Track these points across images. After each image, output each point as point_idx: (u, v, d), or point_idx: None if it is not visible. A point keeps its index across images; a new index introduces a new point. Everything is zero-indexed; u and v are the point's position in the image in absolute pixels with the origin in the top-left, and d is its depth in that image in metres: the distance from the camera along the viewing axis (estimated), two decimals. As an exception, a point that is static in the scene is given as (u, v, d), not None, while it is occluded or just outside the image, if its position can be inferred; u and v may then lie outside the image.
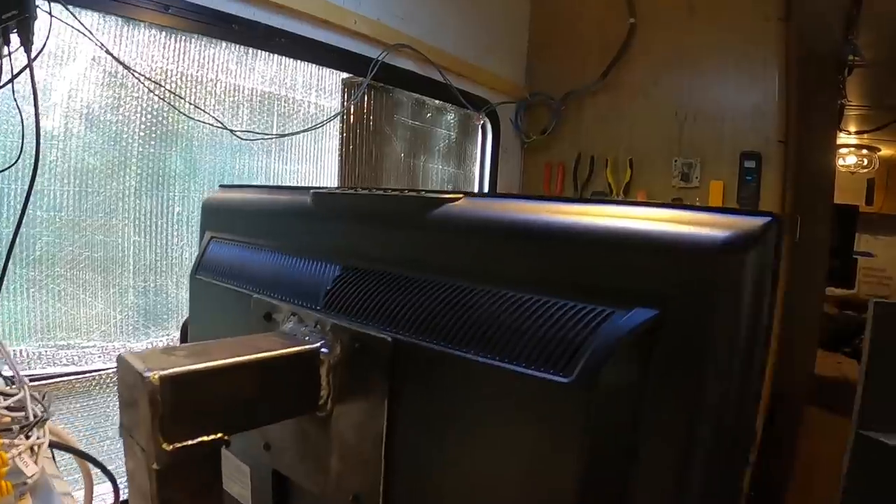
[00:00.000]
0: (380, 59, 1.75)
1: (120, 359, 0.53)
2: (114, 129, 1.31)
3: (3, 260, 1.05)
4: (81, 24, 1.15)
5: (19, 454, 0.59)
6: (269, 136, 1.59)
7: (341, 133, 1.79)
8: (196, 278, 0.90)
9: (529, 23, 2.45)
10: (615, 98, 2.20)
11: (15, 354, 1.19)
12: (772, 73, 1.93)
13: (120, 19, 1.27)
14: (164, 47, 1.37)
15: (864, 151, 4.73)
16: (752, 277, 0.42)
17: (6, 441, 0.61)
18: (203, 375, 0.54)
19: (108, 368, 1.32)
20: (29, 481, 0.62)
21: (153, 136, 1.38)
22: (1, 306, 1.17)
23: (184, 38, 1.41)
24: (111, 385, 1.33)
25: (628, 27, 2.12)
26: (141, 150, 1.36)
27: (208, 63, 1.46)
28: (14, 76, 0.99)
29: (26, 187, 0.99)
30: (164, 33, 1.36)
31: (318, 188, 0.77)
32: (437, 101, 2.06)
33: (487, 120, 2.26)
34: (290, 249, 0.78)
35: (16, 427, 0.65)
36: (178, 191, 1.44)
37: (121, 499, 0.88)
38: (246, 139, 1.52)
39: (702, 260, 0.43)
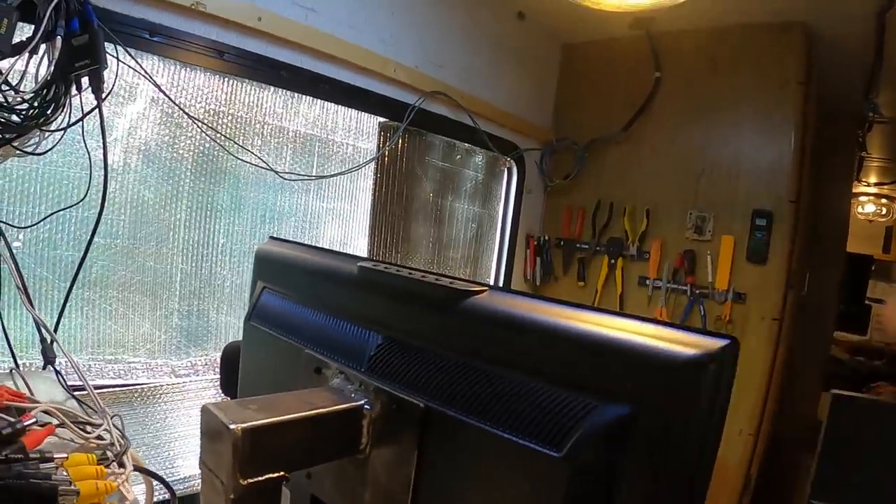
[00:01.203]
0: (417, 104, 1.93)
1: (204, 409, 0.71)
2: (168, 164, 1.51)
3: (70, 282, 1.23)
4: (142, 67, 1.34)
5: (122, 483, 0.76)
6: (310, 178, 1.78)
7: (375, 174, 1.98)
8: (250, 324, 1.07)
9: (559, 72, 2.62)
10: (636, 149, 2.36)
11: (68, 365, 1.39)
12: (787, 133, 2.07)
13: (178, 63, 1.46)
14: (217, 90, 1.56)
15: (884, 200, 4.86)
16: (708, 388, 0.57)
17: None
18: (272, 427, 0.72)
19: (150, 383, 1.51)
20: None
21: (203, 172, 1.57)
22: (63, 324, 1.36)
23: (235, 81, 1.59)
24: (152, 397, 1.52)
25: (654, 81, 2.28)
26: (192, 185, 1.55)
27: (257, 106, 1.65)
28: (84, 115, 1.18)
29: (91, 217, 1.18)
30: (217, 77, 1.55)
31: (364, 260, 0.95)
32: (466, 144, 2.24)
33: (514, 163, 2.44)
34: (337, 312, 0.95)
35: (110, 454, 0.81)
36: (223, 224, 1.64)
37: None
38: (289, 179, 1.71)
39: (669, 372, 0.58)
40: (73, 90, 1.19)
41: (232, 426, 0.68)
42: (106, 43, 1.20)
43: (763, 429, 2.07)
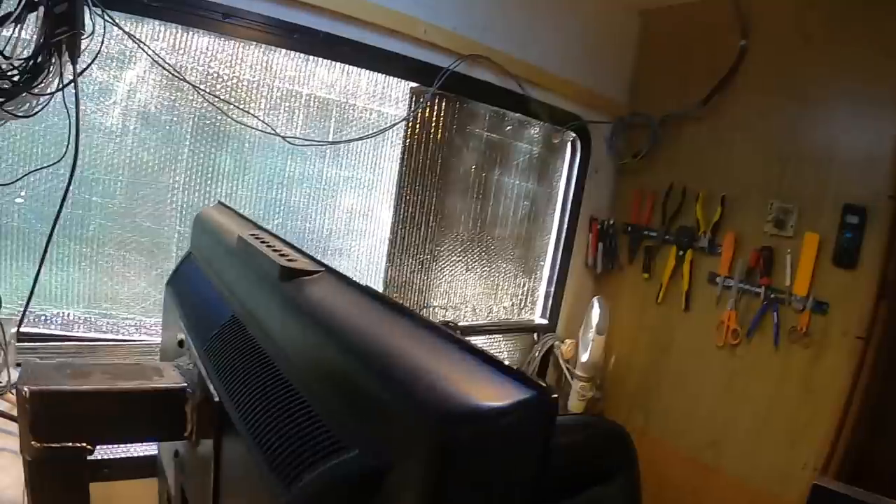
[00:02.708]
0: (450, 68, 1.89)
1: (24, 363, 0.77)
2: (168, 127, 1.62)
3: (48, 236, 1.37)
4: (120, 30, 1.42)
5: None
6: (321, 143, 1.82)
7: (405, 141, 1.97)
8: (168, 287, 1.13)
9: (637, 39, 2.44)
10: (715, 127, 2.14)
11: (64, 316, 1.56)
12: (890, 116, 1.78)
13: (179, 27, 1.55)
14: (220, 52, 1.64)
15: None
16: (491, 455, 0.45)
17: None
18: (71, 395, 0.75)
19: (142, 340, 1.65)
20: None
21: (204, 135, 1.67)
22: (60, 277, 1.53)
23: (241, 44, 1.66)
24: (144, 354, 1.65)
25: (738, 50, 2.03)
26: (192, 148, 1.66)
27: (265, 68, 1.71)
28: (61, 87, 1.29)
29: (88, 177, 1.30)
30: (221, 39, 1.63)
31: (254, 230, 0.95)
32: (518, 115, 2.17)
33: (577, 137, 2.31)
34: (217, 285, 0.97)
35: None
36: (225, 188, 1.73)
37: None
38: (296, 144, 1.76)
39: (439, 428, 0.45)
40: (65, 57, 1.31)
41: (24, 388, 0.72)
42: (96, 9, 1.31)
43: (834, 464, 1.82)
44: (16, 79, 1.26)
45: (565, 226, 2.41)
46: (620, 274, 2.44)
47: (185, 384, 0.82)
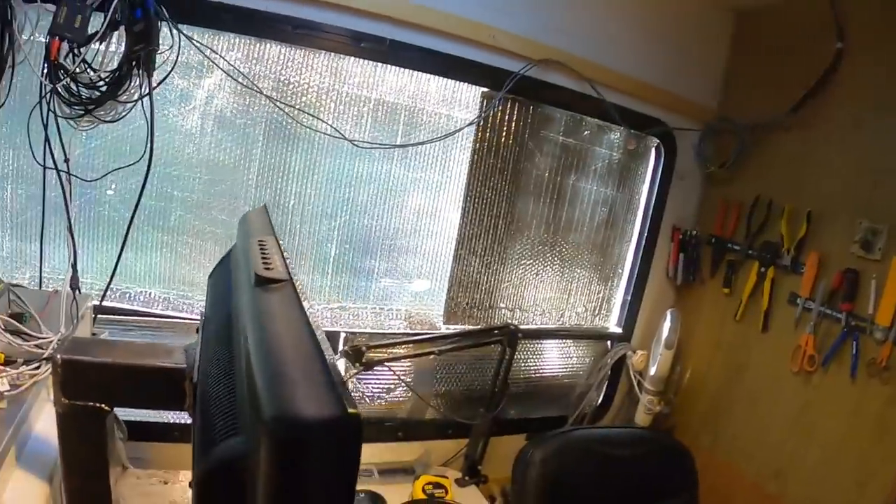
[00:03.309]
0: (520, 73, 1.96)
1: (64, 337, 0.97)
2: (242, 130, 1.83)
3: (127, 225, 1.62)
4: (202, 50, 1.64)
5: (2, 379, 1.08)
6: (388, 147, 1.96)
7: (474, 144, 2.07)
8: (209, 278, 1.32)
9: (730, 42, 2.36)
10: (805, 137, 2.02)
11: (147, 294, 1.83)
12: None
13: (252, 38, 1.75)
14: (290, 61, 1.82)
15: None
16: (291, 452, 0.53)
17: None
18: (92, 365, 0.94)
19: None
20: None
21: (276, 137, 1.87)
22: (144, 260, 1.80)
23: (311, 52, 1.84)
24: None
25: (834, 53, 1.92)
26: (264, 148, 1.87)
27: (334, 75, 1.88)
28: (140, 97, 1.52)
29: (172, 174, 1.61)
30: (291, 48, 1.81)
31: (261, 239, 1.11)
32: (596, 119, 2.20)
33: (660, 142, 2.31)
34: (233, 284, 1.14)
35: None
36: (295, 186, 1.93)
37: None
38: (363, 147, 1.92)
39: (260, 426, 0.54)
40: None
41: (58, 356, 0.92)
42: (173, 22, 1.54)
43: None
44: (103, 88, 1.52)
45: (645, 234, 2.40)
46: (701, 287, 2.39)
47: (185, 365, 0.99)
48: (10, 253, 1.72)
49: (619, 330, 2.50)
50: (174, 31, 1.58)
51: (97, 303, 1.62)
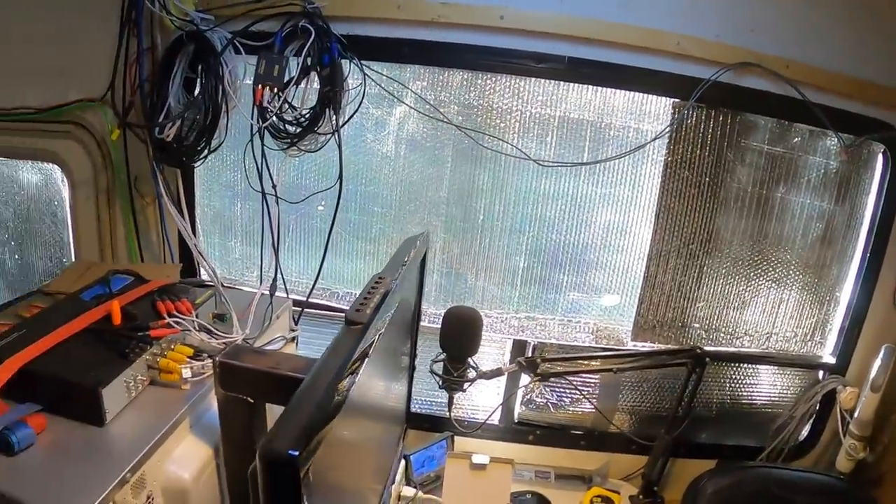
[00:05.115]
0: (710, 79, 1.91)
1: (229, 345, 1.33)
2: (431, 152, 2.07)
3: (326, 236, 1.96)
4: (395, 80, 1.95)
5: (186, 368, 1.47)
6: (572, 164, 2.05)
7: (666, 158, 2.06)
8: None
9: None
10: None
11: (351, 295, 2.21)
12: None
13: (435, 67, 1.99)
14: (472, 85, 2.01)
15: None
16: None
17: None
18: (236, 368, 1.27)
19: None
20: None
21: (463, 157, 2.07)
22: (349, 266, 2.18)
23: (490, 76, 2.01)
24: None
25: None
26: (453, 168, 2.08)
27: (515, 96, 2.02)
28: (333, 131, 1.85)
29: (373, 192, 2.03)
30: (471, 73, 2.00)
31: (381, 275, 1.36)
32: (807, 126, 2.03)
33: (887, 148, 2.03)
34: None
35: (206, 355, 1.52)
36: (482, 203, 2.12)
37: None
38: (548, 166, 2.04)
39: None
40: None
41: (217, 358, 1.28)
42: (358, 61, 1.86)
43: None
44: (305, 124, 1.88)
45: (869, 253, 2.14)
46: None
47: (302, 376, 1.26)
48: (240, 256, 2.22)
49: (832, 360, 2.27)
50: (360, 69, 1.90)
51: (296, 299, 1.95)
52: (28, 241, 2.32)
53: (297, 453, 0.78)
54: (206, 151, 1.95)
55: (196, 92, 1.92)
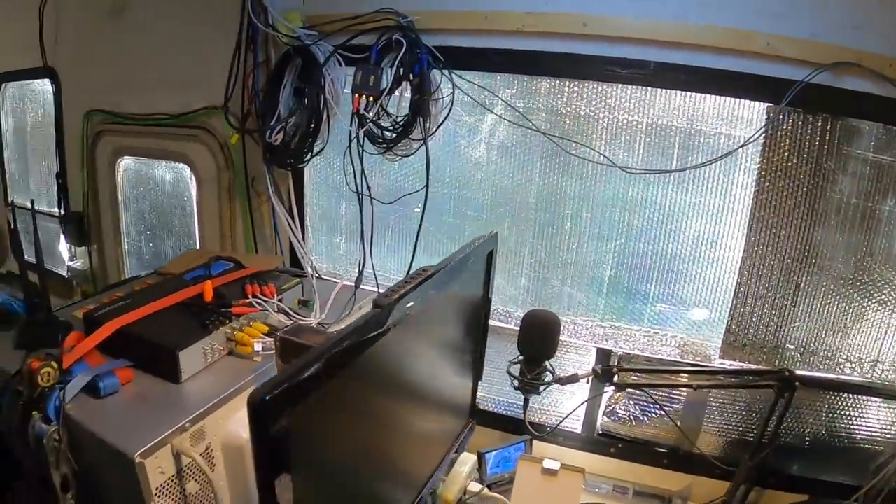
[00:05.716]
0: (804, 81, 1.84)
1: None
2: (520, 158, 2.16)
3: (415, 234, 2.13)
4: (485, 88, 2.05)
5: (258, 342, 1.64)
6: (660, 171, 2.05)
7: (760, 166, 2.00)
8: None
9: None
10: None
11: None
12: None
13: (524, 76, 2.09)
14: (559, 92, 2.08)
15: None
16: None
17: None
18: (290, 342, 1.43)
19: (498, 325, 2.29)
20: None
21: (551, 164, 2.14)
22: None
23: (576, 83, 2.07)
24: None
25: None
26: (541, 174, 2.16)
27: (602, 102, 2.06)
28: (424, 137, 1.99)
29: (467, 196, 2.19)
30: (558, 81, 2.08)
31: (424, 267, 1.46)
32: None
33: None
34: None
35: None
36: (570, 209, 2.17)
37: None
38: (635, 173, 2.06)
39: None
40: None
41: (278, 334, 1.45)
42: (448, 71, 1.99)
43: None
44: (398, 130, 2.04)
45: None
46: None
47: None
48: (344, 252, 2.41)
49: (949, 397, 2.02)
50: (450, 79, 2.03)
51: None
52: (161, 230, 2.66)
53: (267, 398, 0.90)
54: (309, 154, 2.17)
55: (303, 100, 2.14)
